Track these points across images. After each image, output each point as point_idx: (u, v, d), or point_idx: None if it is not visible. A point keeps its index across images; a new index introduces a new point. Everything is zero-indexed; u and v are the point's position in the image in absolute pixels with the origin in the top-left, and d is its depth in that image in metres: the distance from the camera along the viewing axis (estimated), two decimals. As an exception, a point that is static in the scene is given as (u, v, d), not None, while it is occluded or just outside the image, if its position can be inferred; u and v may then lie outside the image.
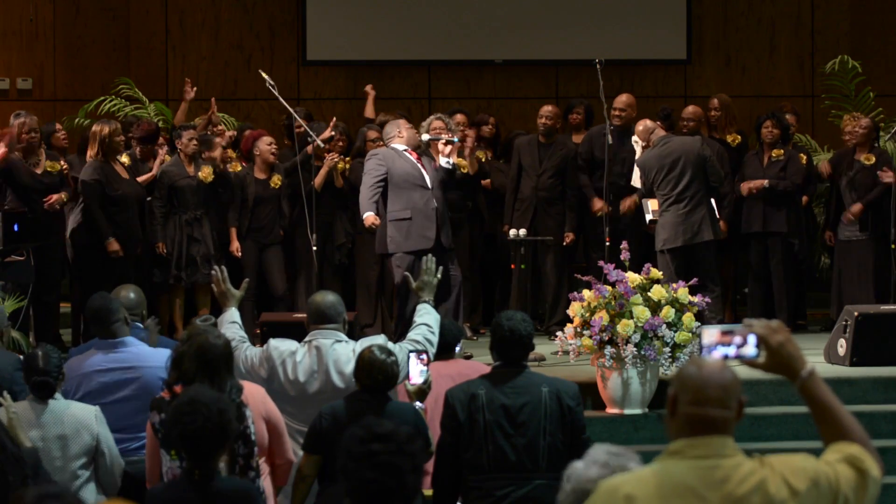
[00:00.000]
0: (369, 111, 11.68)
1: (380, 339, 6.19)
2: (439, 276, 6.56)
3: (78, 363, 6.37)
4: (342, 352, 6.21)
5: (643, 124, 10.23)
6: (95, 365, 6.31)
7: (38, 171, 9.76)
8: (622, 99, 10.96)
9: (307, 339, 6.32)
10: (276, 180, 10.55)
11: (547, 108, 11.05)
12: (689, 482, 3.12)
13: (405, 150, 9.60)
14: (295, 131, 10.62)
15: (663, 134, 10.17)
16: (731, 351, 3.25)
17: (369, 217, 9.43)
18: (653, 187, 10.02)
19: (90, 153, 9.88)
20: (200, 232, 10.31)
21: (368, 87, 11.72)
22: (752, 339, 3.25)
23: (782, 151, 10.91)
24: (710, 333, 3.27)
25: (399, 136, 9.67)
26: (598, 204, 10.71)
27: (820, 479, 3.16)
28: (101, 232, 9.74)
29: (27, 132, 9.68)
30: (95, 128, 9.96)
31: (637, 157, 10.25)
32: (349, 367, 6.13)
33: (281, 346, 6.31)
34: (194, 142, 10.50)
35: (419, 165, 9.55)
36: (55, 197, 9.68)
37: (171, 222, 10.28)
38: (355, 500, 3.31)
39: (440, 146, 9.38)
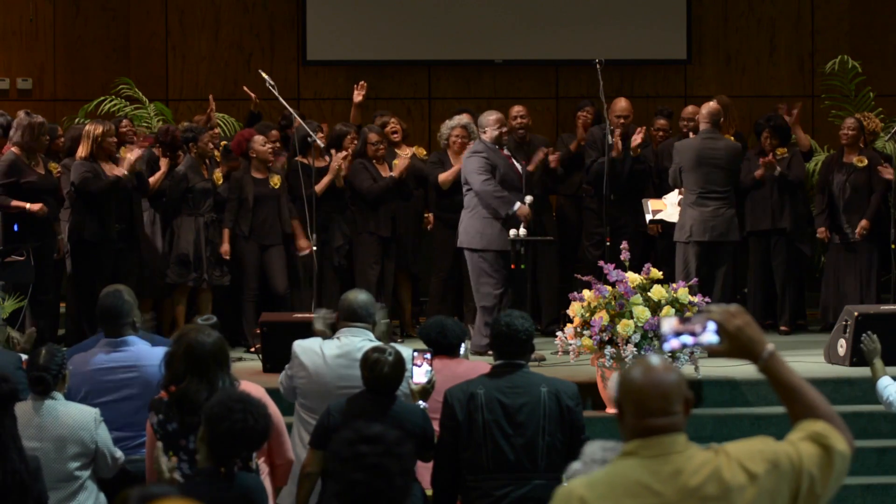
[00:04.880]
0: (354, 117, 11.47)
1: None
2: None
3: (81, 362, 6.38)
4: None
5: (707, 108, 10.28)
6: (98, 364, 6.33)
7: (43, 172, 9.76)
8: (622, 105, 10.94)
9: (336, 335, 6.35)
10: (276, 180, 10.51)
11: (519, 108, 11.16)
12: (641, 479, 3.14)
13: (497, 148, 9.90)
14: (287, 132, 10.63)
15: (710, 128, 10.19)
16: (691, 339, 3.26)
17: (524, 208, 9.66)
18: (680, 175, 10.05)
19: (80, 152, 9.81)
20: (213, 235, 10.31)
21: (356, 95, 11.35)
22: (711, 325, 3.24)
23: (785, 150, 10.96)
24: (669, 322, 3.28)
25: (484, 133, 9.92)
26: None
27: (780, 460, 3.16)
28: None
29: (44, 133, 9.68)
30: (88, 127, 9.92)
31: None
32: None
33: (304, 343, 6.40)
34: (211, 144, 10.48)
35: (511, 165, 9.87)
36: (38, 206, 9.61)
37: (187, 224, 10.26)
38: (344, 501, 3.31)
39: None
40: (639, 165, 11.00)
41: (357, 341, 6.28)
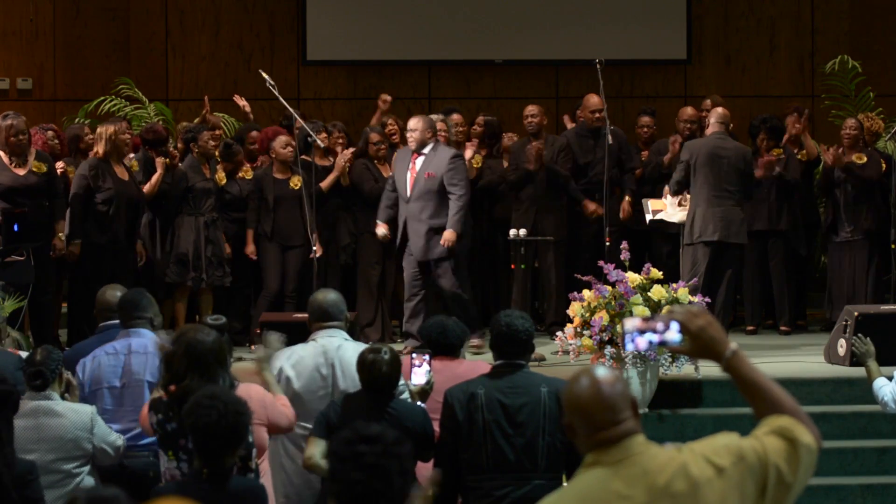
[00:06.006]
0: (375, 120, 11.59)
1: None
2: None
3: (94, 349, 6.45)
4: (350, 351, 6.24)
5: (717, 112, 10.31)
6: (105, 348, 6.44)
7: (23, 172, 9.68)
8: (594, 100, 10.91)
9: (311, 338, 6.33)
10: (296, 181, 10.48)
11: (531, 108, 11.10)
12: (610, 486, 3.14)
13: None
14: (295, 131, 10.61)
15: (721, 131, 10.20)
16: (655, 337, 3.26)
17: (379, 230, 10.11)
18: (692, 171, 10.03)
19: (95, 151, 9.85)
20: (214, 234, 10.31)
21: (382, 103, 11.61)
22: (674, 325, 3.26)
23: (781, 150, 10.97)
24: (633, 321, 3.29)
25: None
26: (591, 206, 10.76)
27: (745, 454, 3.17)
28: (72, 230, 9.73)
29: (14, 135, 9.62)
30: (100, 129, 9.94)
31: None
32: (354, 367, 6.16)
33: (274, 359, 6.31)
34: (212, 143, 10.48)
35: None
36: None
37: (187, 224, 10.26)
38: (342, 501, 3.30)
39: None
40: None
41: (334, 342, 6.26)
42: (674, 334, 3.26)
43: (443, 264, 9.76)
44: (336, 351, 6.22)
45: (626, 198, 11.06)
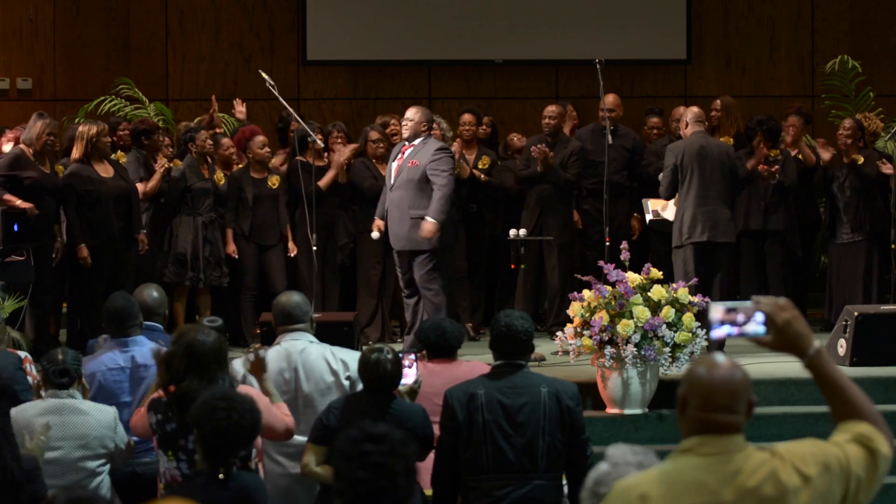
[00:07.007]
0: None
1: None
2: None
3: (89, 361, 6.40)
4: (314, 354, 6.23)
5: (692, 111, 10.23)
6: (106, 363, 6.36)
7: (48, 171, 9.73)
8: (610, 99, 10.94)
9: (276, 342, 6.33)
10: (274, 181, 10.50)
11: (551, 108, 11.04)
12: (701, 478, 3.14)
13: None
14: (288, 134, 10.62)
15: (701, 129, 10.13)
16: (734, 330, 3.24)
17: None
18: (678, 175, 9.98)
19: (74, 153, 9.82)
20: (213, 234, 10.31)
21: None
22: (758, 316, 3.23)
23: (778, 151, 10.95)
24: (717, 310, 3.26)
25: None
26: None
27: (830, 463, 3.18)
28: (74, 237, 9.73)
29: (48, 134, 9.66)
30: (82, 128, 9.91)
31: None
32: (318, 369, 6.16)
33: (235, 365, 6.29)
34: (209, 142, 10.48)
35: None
36: (29, 206, 9.56)
37: (185, 224, 10.26)
38: (346, 500, 3.30)
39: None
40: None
41: (298, 345, 6.26)
42: (756, 326, 3.24)
43: (420, 256, 9.60)
44: (299, 354, 6.22)
45: (636, 214, 11.08)
